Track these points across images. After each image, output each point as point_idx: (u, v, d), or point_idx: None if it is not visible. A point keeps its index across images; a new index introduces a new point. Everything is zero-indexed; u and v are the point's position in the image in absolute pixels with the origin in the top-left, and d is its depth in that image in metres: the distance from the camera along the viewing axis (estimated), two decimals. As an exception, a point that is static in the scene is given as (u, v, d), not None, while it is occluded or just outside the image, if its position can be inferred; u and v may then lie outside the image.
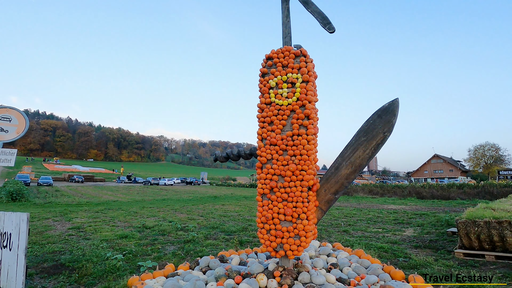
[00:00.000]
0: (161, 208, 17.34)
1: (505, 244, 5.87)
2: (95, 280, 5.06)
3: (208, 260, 5.50)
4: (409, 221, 12.30)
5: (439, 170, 62.53)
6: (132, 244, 7.74)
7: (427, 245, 7.67)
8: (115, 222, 11.69)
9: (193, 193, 31.72)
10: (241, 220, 12.52)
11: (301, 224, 4.64)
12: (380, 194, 26.37)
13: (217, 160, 6.00)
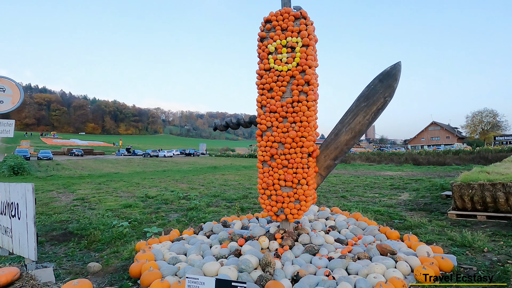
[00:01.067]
0: (162, 179, 17.64)
1: (497, 204, 6.10)
2: (104, 245, 5.28)
3: (212, 225, 5.71)
4: (405, 186, 12.63)
5: (436, 137, 63.08)
6: (136, 213, 7.98)
7: (421, 208, 7.96)
8: (118, 193, 11.94)
9: (193, 164, 32.14)
10: (241, 189, 12.81)
11: (301, 189, 4.75)
12: (377, 162, 26.81)
13: (216, 129, 5.99)
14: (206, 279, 2.46)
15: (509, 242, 4.73)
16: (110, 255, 4.74)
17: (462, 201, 6.53)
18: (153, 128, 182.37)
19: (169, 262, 3.94)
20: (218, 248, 4.61)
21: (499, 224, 5.81)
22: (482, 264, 3.98)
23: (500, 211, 6.08)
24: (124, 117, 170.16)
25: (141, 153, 52.66)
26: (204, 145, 66.85)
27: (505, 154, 20.58)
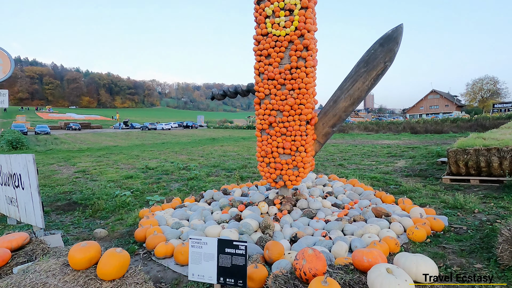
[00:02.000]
0: (162, 151, 17.75)
1: (490, 169, 6.24)
2: (108, 214, 5.45)
3: (212, 193, 5.86)
4: (401, 154, 12.79)
5: (435, 106, 62.81)
6: (138, 183, 8.13)
7: (417, 174, 8.13)
8: (118, 165, 12.07)
9: (192, 136, 32.18)
10: (240, 159, 12.96)
11: (299, 156, 4.82)
12: (375, 131, 26.91)
13: (214, 98, 5.92)
14: (208, 239, 2.57)
15: (499, 203, 4.91)
16: (115, 222, 4.90)
17: (457, 166, 6.67)
18: (150, 101, 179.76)
19: (172, 227, 4.09)
20: (219, 214, 4.77)
21: (491, 188, 5.99)
22: (472, 223, 4.18)
23: (493, 175, 6.24)
24: (120, 90, 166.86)
25: (139, 126, 52.47)
26: (202, 117, 66.48)
27: (503, 121, 20.65)
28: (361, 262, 2.06)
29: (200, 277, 2.59)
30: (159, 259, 3.29)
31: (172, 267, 3.10)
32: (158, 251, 3.27)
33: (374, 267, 1.86)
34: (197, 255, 2.60)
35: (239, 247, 2.48)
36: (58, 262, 2.39)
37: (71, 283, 2.11)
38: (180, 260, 3.09)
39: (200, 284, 2.74)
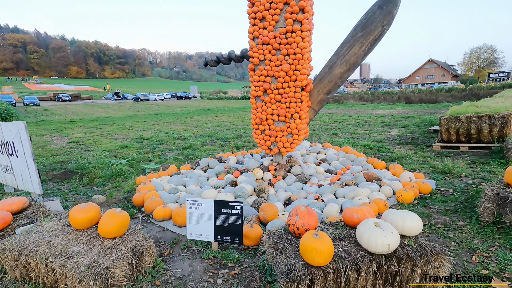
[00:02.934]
0: (155, 122, 17.60)
1: (480, 135, 6.38)
2: (105, 181, 5.52)
3: (208, 161, 5.94)
4: (395, 123, 12.91)
5: (431, 76, 62.28)
6: (133, 153, 8.15)
7: (409, 142, 8.29)
8: (112, 136, 12.01)
9: (185, 107, 31.77)
10: (235, 129, 12.96)
11: (294, 123, 4.84)
12: (370, 101, 26.85)
13: (207, 65, 5.77)
14: (205, 200, 2.66)
15: (485, 168, 5.09)
16: (112, 189, 4.99)
17: (448, 133, 6.80)
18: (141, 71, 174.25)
19: (169, 192, 4.19)
20: (215, 180, 4.87)
21: (479, 154, 6.16)
22: (458, 187, 4.36)
23: (482, 141, 6.40)
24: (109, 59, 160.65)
25: (131, 97, 51.37)
26: (196, 88, 65.12)
27: (497, 91, 20.70)
28: (351, 219, 2.17)
29: (198, 236, 2.71)
30: (158, 221, 3.41)
31: (170, 228, 3.22)
32: (157, 213, 3.37)
33: (363, 222, 1.96)
34: (194, 215, 2.70)
35: (235, 207, 2.57)
36: (59, 223, 2.47)
37: (74, 241, 2.20)
38: (178, 222, 3.20)
39: (198, 242, 2.87)
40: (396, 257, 1.87)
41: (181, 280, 2.27)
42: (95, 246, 2.15)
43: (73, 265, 1.96)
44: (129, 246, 2.17)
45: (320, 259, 1.75)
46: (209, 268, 2.43)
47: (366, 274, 1.83)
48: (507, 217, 2.79)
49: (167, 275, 2.35)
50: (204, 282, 2.24)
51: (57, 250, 2.11)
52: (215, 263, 2.50)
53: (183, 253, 2.72)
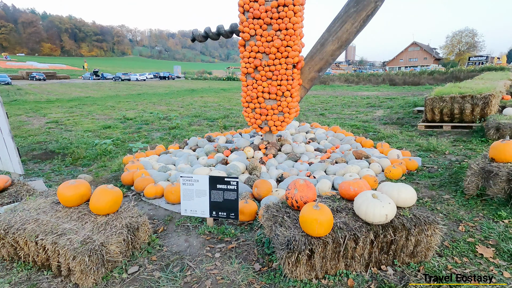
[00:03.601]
0: (139, 102, 17.05)
1: (463, 115, 6.59)
2: (90, 161, 5.33)
3: (196, 140, 5.84)
4: (380, 104, 13.12)
5: (414, 59, 63.22)
6: (117, 133, 7.89)
7: (394, 122, 8.47)
8: (93, 116, 11.56)
9: (169, 87, 30.87)
10: (222, 110, 12.78)
11: (285, 101, 4.79)
12: (356, 83, 27.07)
13: (195, 40, 5.53)
14: (200, 176, 2.61)
15: (467, 146, 5.29)
16: (98, 169, 4.83)
17: (432, 113, 6.97)
18: (120, 49, 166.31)
19: (159, 170, 4.10)
20: (205, 159, 4.81)
21: (461, 133, 6.39)
22: (442, 163, 4.52)
23: (464, 121, 6.61)
24: (85, 36, 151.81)
25: (111, 77, 49.25)
26: (179, 68, 63.17)
27: (476, 74, 21.31)
28: (348, 191, 2.20)
29: (193, 212, 2.68)
30: (149, 199, 3.35)
31: (163, 205, 3.17)
32: (148, 191, 3.30)
33: (361, 194, 1.99)
34: (189, 192, 2.65)
35: (230, 183, 2.54)
36: (47, 201, 2.36)
37: (64, 219, 2.12)
38: (170, 199, 3.15)
39: (192, 218, 2.85)
40: (392, 226, 1.92)
41: (178, 255, 2.26)
42: (88, 223, 2.08)
43: (65, 242, 1.89)
44: (124, 222, 2.11)
45: (321, 229, 1.77)
46: (206, 243, 2.42)
47: (364, 243, 1.87)
48: (490, 189, 2.93)
49: (163, 250, 2.33)
50: (202, 256, 2.23)
51: (47, 227, 2.02)
52: (211, 238, 2.49)
53: (178, 230, 2.69)
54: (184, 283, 1.94)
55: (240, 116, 10.52)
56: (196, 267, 2.08)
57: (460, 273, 1.90)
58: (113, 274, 2.01)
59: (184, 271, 2.05)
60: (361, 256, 1.91)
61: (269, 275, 1.96)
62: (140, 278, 2.01)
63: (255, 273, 1.99)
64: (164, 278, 1.98)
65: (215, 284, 1.92)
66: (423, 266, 1.98)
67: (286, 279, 1.88)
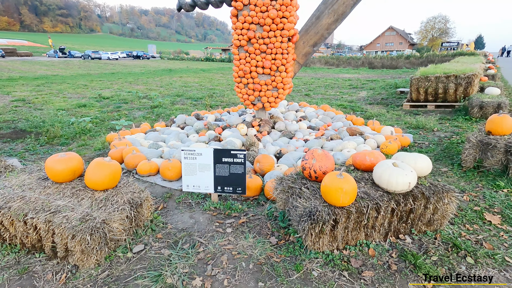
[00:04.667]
0: (113, 81, 16.07)
1: (446, 95, 6.77)
2: (68, 140, 4.92)
3: (184, 118, 5.55)
4: (362, 86, 13.28)
5: (390, 43, 64.58)
6: (94, 112, 7.38)
7: (379, 102, 8.59)
8: (65, 94, 10.73)
9: (144, 67, 29.38)
10: (204, 90, 12.36)
11: (280, 76, 4.62)
12: (336, 65, 27.24)
13: (181, 9, 5.13)
14: (203, 149, 2.43)
15: (453, 123, 5.46)
16: (79, 148, 4.47)
17: (417, 93, 7.11)
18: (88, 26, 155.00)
19: (149, 147, 3.84)
20: (196, 137, 4.58)
21: (445, 112, 6.59)
22: (432, 139, 4.62)
23: (447, 101, 6.81)
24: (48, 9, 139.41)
25: (79, 55, 45.98)
26: (154, 47, 60.14)
27: (449, 58, 22.15)
28: (363, 162, 2.13)
29: (196, 188, 2.51)
30: (143, 176, 3.12)
31: (159, 183, 2.96)
32: (141, 169, 3.07)
33: (381, 163, 1.92)
34: (191, 166, 2.47)
35: (237, 155, 2.39)
36: (31, 177, 2.09)
37: (56, 195, 1.88)
38: (167, 176, 2.95)
39: (194, 195, 2.68)
40: (412, 195, 1.88)
41: (186, 232, 2.11)
42: (84, 199, 1.85)
43: (61, 219, 1.67)
44: (125, 198, 1.91)
45: (345, 199, 1.69)
46: (213, 219, 2.28)
47: (385, 212, 1.82)
48: (487, 161, 3.00)
49: (168, 228, 2.16)
50: (212, 232, 2.09)
51: (37, 205, 1.78)
52: (218, 214, 2.35)
53: (179, 207, 2.52)
54: (197, 259, 1.80)
55: (225, 96, 10.22)
56: (208, 243, 1.95)
57: (474, 239, 1.92)
58: (117, 254, 1.83)
59: (195, 248, 1.90)
60: (381, 226, 1.87)
61: (287, 248, 1.87)
62: (147, 256, 1.84)
63: (272, 247, 1.90)
64: (175, 256, 1.83)
65: (232, 259, 1.80)
66: (439, 234, 1.99)
67: (306, 251, 1.80)
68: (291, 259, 1.79)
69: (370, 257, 1.80)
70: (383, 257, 1.79)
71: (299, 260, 1.76)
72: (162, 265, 1.75)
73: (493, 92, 6.00)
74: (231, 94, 10.67)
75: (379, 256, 1.81)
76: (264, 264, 1.73)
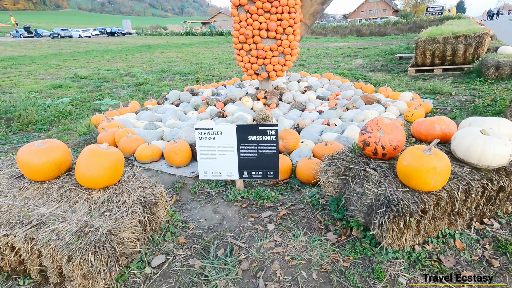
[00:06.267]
0: (89, 60, 14.78)
1: (454, 57, 6.39)
2: (46, 125, 4.26)
3: (178, 94, 4.93)
4: (355, 54, 12.74)
5: (374, 10, 63.12)
6: (72, 93, 6.58)
7: (380, 69, 8.15)
8: (36, 75, 9.68)
9: (121, 44, 27.42)
10: (191, 64, 11.50)
11: (287, 40, 4.03)
12: (323, 34, 26.32)
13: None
14: (223, 127, 1.92)
15: (469, 86, 5.11)
16: (60, 134, 3.84)
17: (423, 56, 6.68)
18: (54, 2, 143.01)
19: (145, 128, 3.28)
20: (195, 114, 4.02)
21: (453, 75, 6.23)
22: (454, 104, 4.27)
23: (456, 63, 6.44)
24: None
25: (47, 34, 42.45)
26: (129, 23, 56.34)
27: (438, 23, 21.71)
28: (430, 131, 1.70)
29: (216, 174, 2.04)
30: (144, 163, 2.60)
31: (166, 170, 2.46)
32: (142, 154, 2.54)
33: (463, 131, 1.50)
34: (208, 148, 1.98)
35: (267, 132, 1.91)
36: (1, 175, 1.54)
37: (38, 199, 1.36)
38: (175, 161, 2.45)
39: (212, 182, 2.21)
40: (505, 170, 1.49)
41: (215, 232, 1.66)
42: (79, 202, 1.36)
43: (49, 235, 1.18)
44: (134, 197, 1.42)
45: (438, 181, 1.28)
46: (245, 212, 1.84)
47: (475, 194, 1.43)
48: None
49: (190, 228, 1.71)
50: (250, 230, 1.66)
51: (11, 216, 1.27)
52: (248, 205, 1.91)
53: (196, 198, 2.06)
54: (242, 271, 1.37)
55: (215, 69, 9.49)
56: (249, 247, 1.52)
57: None
58: (132, 271, 1.37)
59: (234, 255, 1.47)
60: (468, 210, 1.49)
61: (353, 246, 1.47)
62: (172, 271, 1.40)
63: (333, 246, 1.49)
64: (210, 268, 1.40)
65: (286, 267, 1.38)
66: (528, 214, 1.64)
67: (381, 250, 1.41)
68: (363, 262, 1.39)
69: (460, 251, 1.43)
70: (476, 250, 1.43)
71: (375, 262, 1.36)
72: (196, 284, 1.31)
73: (507, 51, 5.65)
74: (221, 68, 9.93)
75: (469, 249, 1.44)
76: (331, 272, 1.33)
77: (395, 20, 31.36)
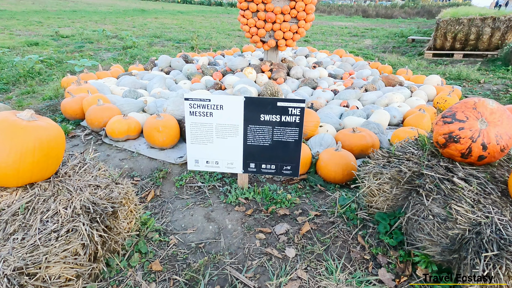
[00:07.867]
0: (75, 20, 13.55)
1: (478, 42, 5.79)
2: (8, 86, 3.57)
3: (169, 60, 4.24)
4: (362, 34, 12.00)
5: (380, -8, 60.91)
6: (49, 52, 5.76)
7: (392, 51, 7.52)
8: (12, 31, 8.66)
9: (112, 6, 25.58)
10: (186, 32, 10.55)
11: (302, 1, 3.35)
12: (328, 12, 25.11)
13: None
14: (225, 98, 1.34)
15: (497, 75, 4.58)
16: (22, 96, 3.18)
17: (444, 39, 6.06)
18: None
19: (125, 96, 2.64)
20: (187, 83, 3.39)
21: (475, 62, 5.67)
22: (484, 93, 3.74)
23: (478, 49, 5.86)
24: None
25: (32, -10, 39.47)
26: (122, -15, 52.79)
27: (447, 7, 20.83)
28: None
29: (211, 165, 1.47)
30: (118, 141, 2.00)
31: (145, 152, 1.88)
32: (115, 129, 1.94)
33: None
34: (202, 128, 1.40)
35: (288, 110, 1.34)
36: None
37: None
38: (157, 141, 1.86)
39: (205, 174, 1.65)
40: None
41: (208, 255, 1.11)
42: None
43: None
44: (78, 202, 0.86)
45: None
46: (250, 223, 1.29)
47: None
48: None
49: (170, 244, 1.16)
50: (260, 256, 1.11)
51: None
52: (255, 211, 1.36)
53: (182, 195, 1.51)
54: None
55: (213, 38, 8.66)
56: (259, 286, 0.99)
57: None
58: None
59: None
60: None
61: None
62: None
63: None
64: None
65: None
66: None
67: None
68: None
69: None
70: None
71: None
72: None
73: (541, 38, 5.09)
74: (220, 37, 9.09)
75: None
76: None
77: (402, 3, 30.14)
